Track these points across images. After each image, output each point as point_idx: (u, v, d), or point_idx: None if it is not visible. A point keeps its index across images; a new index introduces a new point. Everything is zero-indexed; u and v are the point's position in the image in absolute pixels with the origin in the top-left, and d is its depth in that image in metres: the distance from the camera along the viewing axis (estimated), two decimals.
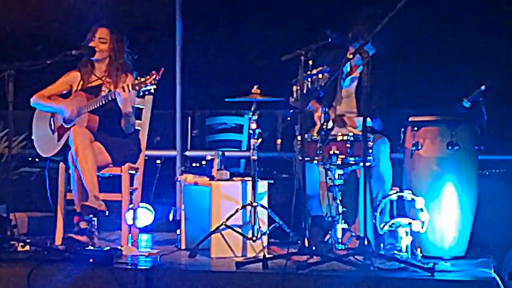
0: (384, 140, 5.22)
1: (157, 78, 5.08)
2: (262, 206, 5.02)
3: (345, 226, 4.90)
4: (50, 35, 6.40)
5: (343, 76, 5.43)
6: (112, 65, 5.52)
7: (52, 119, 5.53)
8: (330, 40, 4.87)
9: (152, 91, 5.12)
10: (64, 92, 5.59)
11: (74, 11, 6.53)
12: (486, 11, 6.18)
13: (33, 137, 5.59)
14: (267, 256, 4.68)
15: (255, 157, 4.99)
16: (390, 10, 4.40)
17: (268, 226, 5.06)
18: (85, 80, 5.55)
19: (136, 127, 5.65)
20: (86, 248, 4.82)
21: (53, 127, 5.51)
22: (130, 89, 5.14)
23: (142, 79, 5.12)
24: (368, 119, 5.09)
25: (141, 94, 5.19)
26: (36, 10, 6.87)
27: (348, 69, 5.43)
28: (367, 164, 4.66)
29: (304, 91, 4.78)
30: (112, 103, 5.25)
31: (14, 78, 5.01)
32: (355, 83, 5.43)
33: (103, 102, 5.27)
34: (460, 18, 6.22)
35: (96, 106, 5.30)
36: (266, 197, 5.11)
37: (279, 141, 4.98)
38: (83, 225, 5.14)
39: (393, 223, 4.70)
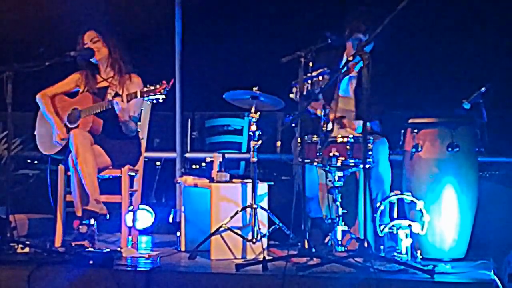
0: (383, 141, 5.23)
1: (166, 88, 5.05)
2: (262, 208, 5.02)
3: (345, 228, 4.90)
4: (49, 37, 6.39)
5: (340, 76, 5.42)
6: (112, 58, 5.51)
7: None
8: (329, 41, 4.87)
9: (161, 100, 5.08)
10: (72, 91, 5.60)
11: (72, 12, 6.52)
12: (486, 12, 6.17)
13: (35, 133, 5.60)
14: (267, 258, 4.67)
15: (255, 159, 4.99)
16: (388, 10, 4.40)
17: (268, 228, 5.06)
18: (89, 82, 5.55)
19: None
20: (86, 250, 4.81)
21: None
22: (136, 96, 5.13)
23: (152, 88, 5.07)
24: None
25: (149, 102, 5.15)
26: (35, 12, 6.86)
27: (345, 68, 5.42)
28: (367, 166, 4.66)
29: (304, 93, 4.79)
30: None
31: (13, 79, 5.02)
32: (353, 83, 5.43)
33: (101, 110, 5.28)
34: (460, 18, 6.21)
35: (94, 113, 5.30)
36: (266, 199, 5.11)
37: (279, 143, 4.97)
38: (83, 229, 5.12)
39: (393, 225, 4.70)
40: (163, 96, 5.06)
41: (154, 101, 5.10)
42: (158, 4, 6.81)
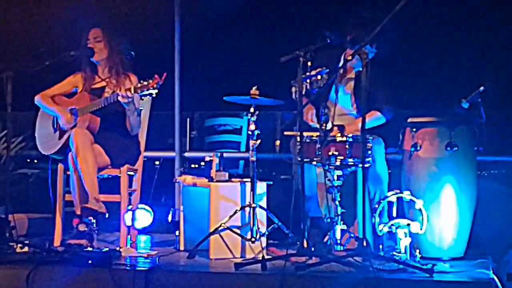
0: (378, 140, 5.24)
1: (159, 83, 5.06)
2: (261, 207, 5.01)
3: (344, 227, 4.90)
4: (49, 37, 6.39)
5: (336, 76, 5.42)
6: (111, 62, 5.51)
7: (56, 117, 5.55)
8: (328, 41, 4.87)
9: (154, 95, 5.09)
10: (70, 92, 5.62)
11: (72, 12, 6.53)
12: (485, 11, 6.17)
13: (35, 134, 5.62)
14: (266, 257, 4.68)
15: (254, 158, 4.99)
16: (389, 12, 4.40)
17: (267, 227, 5.06)
18: (88, 82, 5.56)
19: None
20: (85, 250, 4.82)
21: (55, 125, 5.54)
22: (132, 92, 5.15)
23: (145, 83, 5.09)
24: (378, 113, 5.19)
25: (142, 98, 5.18)
26: (35, 11, 6.87)
27: (341, 71, 5.41)
28: (366, 165, 4.66)
29: (303, 92, 4.79)
30: (115, 104, 5.26)
31: (13, 79, 5.02)
32: (351, 83, 5.43)
33: (104, 104, 5.29)
34: (458, 18, 6.22)
35: (97, 108, 5.32)
36: (265, 198, 5.10)
37: (278, 142, 4.97)
38: (81, 227, 5.13)
39: (392, 224, 4.71)
40: (156, 91, 5.07)
41: (148, 97, 5.10)
42: (158, 3, 6.81)
